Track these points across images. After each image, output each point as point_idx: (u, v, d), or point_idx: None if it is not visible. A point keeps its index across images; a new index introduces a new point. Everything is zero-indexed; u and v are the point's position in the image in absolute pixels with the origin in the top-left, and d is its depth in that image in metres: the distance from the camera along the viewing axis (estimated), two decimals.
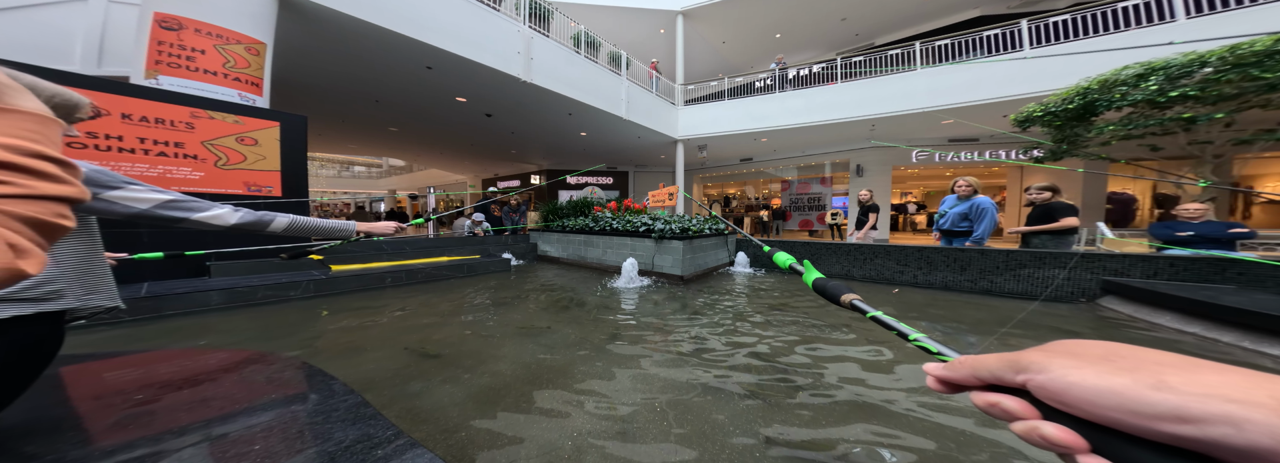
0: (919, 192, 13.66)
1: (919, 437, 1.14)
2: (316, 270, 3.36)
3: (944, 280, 3.57)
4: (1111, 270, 2.89)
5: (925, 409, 1.30)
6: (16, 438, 0.65)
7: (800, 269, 0.49)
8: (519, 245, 5.93)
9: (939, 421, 1.23)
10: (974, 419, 1.23)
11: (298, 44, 4.23)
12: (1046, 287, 3.05)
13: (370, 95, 6.02)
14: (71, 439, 0.64)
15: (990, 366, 0.21)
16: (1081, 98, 4.28)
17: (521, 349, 1.84)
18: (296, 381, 0.90)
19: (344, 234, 1.00)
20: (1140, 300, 2.53)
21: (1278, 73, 3.33)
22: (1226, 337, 1.95)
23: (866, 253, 4.13)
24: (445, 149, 10.58)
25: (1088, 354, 0.19)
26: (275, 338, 2.03)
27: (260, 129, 3.22)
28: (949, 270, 3.56)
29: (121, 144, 2.65)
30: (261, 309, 2.61)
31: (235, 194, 3.13)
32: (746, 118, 8.23)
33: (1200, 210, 2.82)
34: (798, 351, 1.87)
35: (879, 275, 4.00)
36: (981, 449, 1.09)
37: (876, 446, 1.11)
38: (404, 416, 1.23)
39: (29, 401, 0.79)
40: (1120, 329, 2.23)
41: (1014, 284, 3.21)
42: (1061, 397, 0.18)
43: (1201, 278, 2.61)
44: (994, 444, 1.10)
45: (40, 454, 0.61)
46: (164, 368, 1.00)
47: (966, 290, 3.42)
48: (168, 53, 2.92)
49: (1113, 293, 2.79)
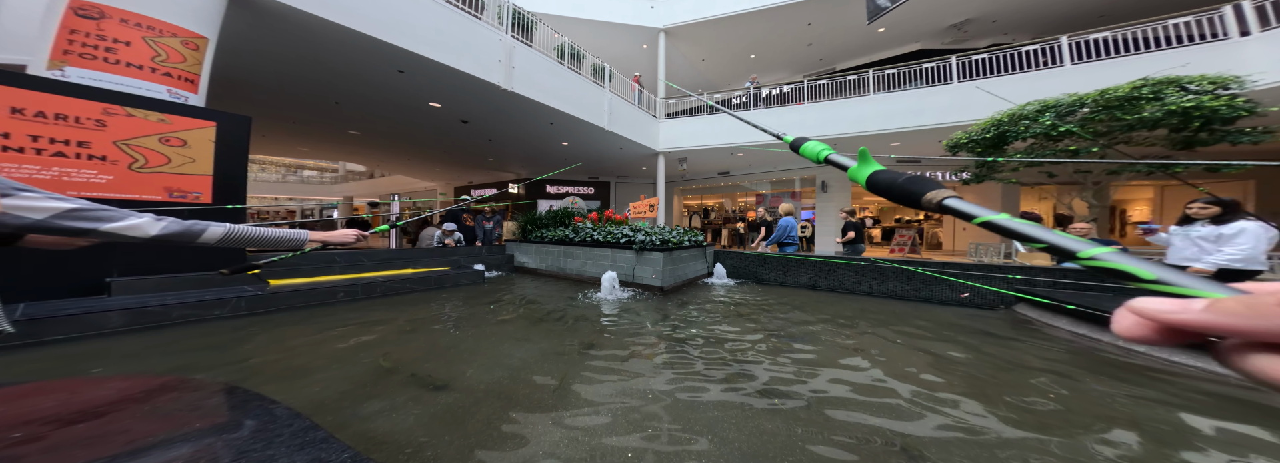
0: (874, 208, 14.75)
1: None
2: (249, 285, 2.95)
3: (893, 290, 3.99)
4: (1020, 282, 3.33)
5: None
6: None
7: (842, 162, 0.37)
8: (494, 257, 5.65)
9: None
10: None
11: (249, 41, 3.91)
12: (980, 295, 3.47)
13: (329, 97, 5.65)
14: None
15: (1173, 311, 0.16)
16: (995, 128, 4.85)
17: (493, 364, 1.72)
18: (226, 406, 0.74)
19: (294, 244, 0.87)
20: (1042, 307, 2.86)
21: (1135, 115, 4.01)
22: (1106, 337, 2.29)
23: (830, 266, 4.45)
24: (414, 155, 10.08)
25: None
26: (196, 364, 1.74)
27: (192, 129, 2.87)
28: (898, 281, 3.96)
29: (6, 142, 2.25)
30: (176, 330, 2.23)
31: (153, 200, 2.72)
32: (724, 133, 8.54)
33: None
34: (784, 359, 1.86)
35: (841, 285, 4.36)
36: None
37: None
38: (358, 439, 1.10)
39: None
40: (1031, 331, 2.57)
41: (949, 293, 3.65)
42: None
43: (1090, 288, 3.05)
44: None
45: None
46: (49, 400, 0.80)
47: (910, 299, 3.80)
48: (81, 42, 2.57)
49: (1022, 301, 3.17)
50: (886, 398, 1.48)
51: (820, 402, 1.44)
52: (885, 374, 1.71)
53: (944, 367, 1.84)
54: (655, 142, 9.01)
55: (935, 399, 1.47)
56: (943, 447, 1.15)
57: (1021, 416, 1.36)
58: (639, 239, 4.29)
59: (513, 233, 6.28)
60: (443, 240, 5.74)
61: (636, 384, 1.54)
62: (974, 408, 1.41)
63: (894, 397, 1.49)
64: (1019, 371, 1.81)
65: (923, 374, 1.73)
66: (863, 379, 1.66)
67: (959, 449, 1.14)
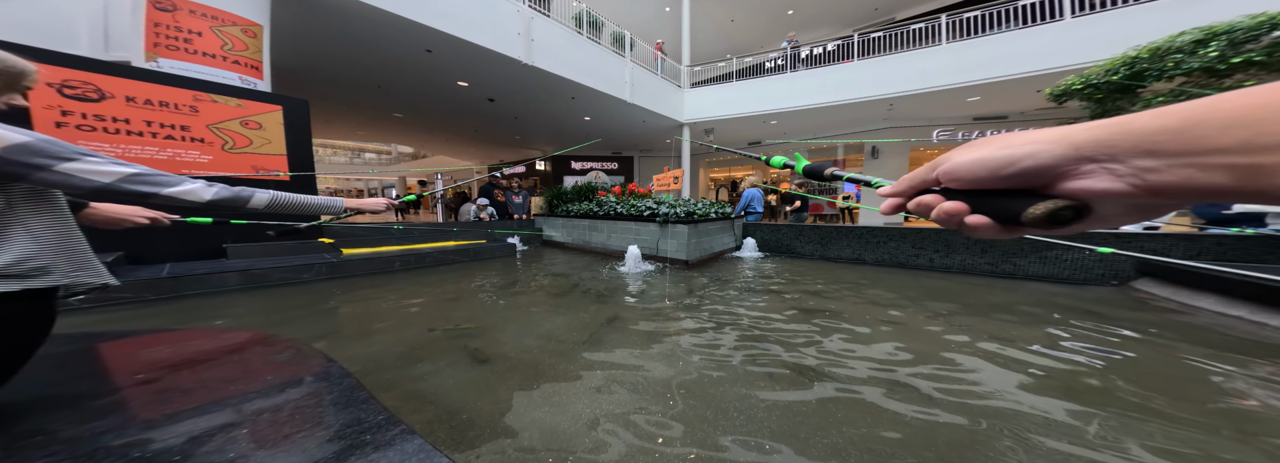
0: None
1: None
2: (328, 254, 3.43)
3: (962, 264, 3.51)
4: (1149, 250, 2.74)
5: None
6: (19, 413, 0.68)
7: (793, 163, 0.54)
8: (524, 230, 5.97)
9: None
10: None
11: (294, 26, 4.19)
12: (1077, 269, 2.91)
13: (372, 80, 5.98)
14: (65, 418, 0.65)
15: (918, 172, 0.27)
16: (1128, 68, 3.95)
17: (525, 333, 1.85)
18: (294, 363, 0.90)
19: (332, 210, 0.94)
20: (1179, 282, 2.40)
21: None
22: (1276, 320, 1.80)
23: (880, 236, 4.03)
24: (450, 135, 10.55)
25: (970, 145, 0.24)
26: (289, 319, 2.09)
27: (263, 113, 3.23)
28: (968, 253, 3.48)
29: (129, 127, 2.69)
30: (276, 290, 2.70)
31: (245, 177, 3.18)
32: (755, 99, 7.96)
33: None
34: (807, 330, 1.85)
35: (892, 259, 3.92)
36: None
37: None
38: (407, 397, 1.23)
39: (47, 375, 0.82)
40: (1156, 313, 2.12)
41: (1039, 267, 3.09)
42: (954, 173, 0.25)
43: (1251, 258, 2.44)
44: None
45: (38, 431, 0.63)
46: (169, 348, 1.02)
47: (985, 274, 3.34)
48: (165, 35, 2.91)
49: (1149, 275, 2.66)
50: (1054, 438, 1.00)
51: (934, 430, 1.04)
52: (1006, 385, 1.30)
53: (1098, 378, 1.36)
54: (679, 112, 8.65)
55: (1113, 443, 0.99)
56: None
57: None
58: (663, 212, 4.28)
59: (540, 208, 6.52)
60: (478, 215, 6.13)
61: (649, 362, 1.56)
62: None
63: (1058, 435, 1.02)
64: (1193, 379, 1.35)
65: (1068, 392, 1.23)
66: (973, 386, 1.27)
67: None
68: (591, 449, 0.98)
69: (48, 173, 0.57)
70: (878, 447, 0.99)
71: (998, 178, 0.23)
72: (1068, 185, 0.21)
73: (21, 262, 0.59)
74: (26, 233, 0.61)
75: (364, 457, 0.56)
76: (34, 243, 0.61)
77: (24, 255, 0.60)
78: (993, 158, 0.23)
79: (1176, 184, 0.18)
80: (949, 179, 0.25)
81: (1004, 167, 0.22)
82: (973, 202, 0.24)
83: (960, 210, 0.24)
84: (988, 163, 0.23)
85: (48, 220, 0.64)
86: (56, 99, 2.47)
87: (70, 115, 2.51)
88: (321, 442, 0.59)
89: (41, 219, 0.63)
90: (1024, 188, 0.23)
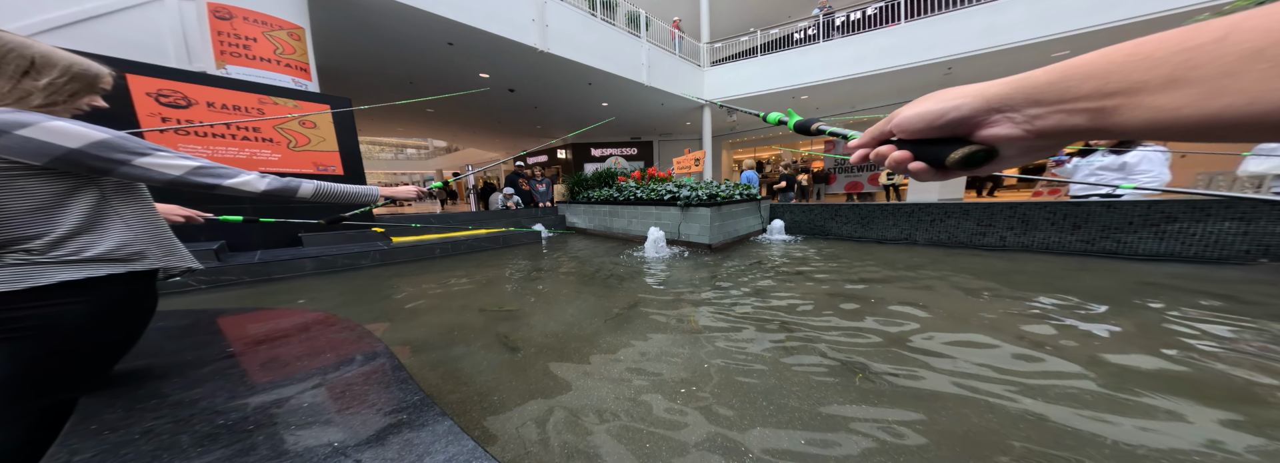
0: None
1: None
2: (381, 242, 3.74)
3: (1045, 242, 3.07)
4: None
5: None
6: (140, 379, 0.80)
7: (786, 119, 0.56)
8: (548, 217, 6.12)
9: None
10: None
11: (329, 27, 4.43)
12: (1208, 244, 2.44)
13: (404, 76, 6.26)
14: (174, 384, 0.76)
15: (878, 125, 0.31)
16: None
17: (549, 320, 1.90)
18: (351, 342, 0.99)
19: (370, 199, 1.01)
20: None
21: None
22: None
23: (934, 213, 3.64)
24: (477, 128, 10.92)
25: (917, 100, 0.28)
26: (348, 302, 2.29)
27: (315, 112, 3.49)
28: (1053, 230, 3.03)
29: (212, 130, 3.01)
30: (340, 275, 3.00)
31: (309, 173, 3.48)
32: (783, 74, 7.48)
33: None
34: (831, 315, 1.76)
35: (951, 238, 3.55)
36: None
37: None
38: (447, 377, 1.30)
39: (163, 346, 0.96)
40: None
41: (1154, 243, 2.62)
42: (903, 125, 0.28)
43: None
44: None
45: (153, 395, 0.74)
46: (257, 325, 1.16)
47: (1079, 253, 2.90)
48: (228, 42, 3.16)
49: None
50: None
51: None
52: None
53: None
54: (699, 92, 8.35)
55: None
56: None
57: None
58: (683, 195, 4.20)
59: (562, 195, 6.64)
60: (505, 204, 6.35)
61: (661, 346, 1.56)
62: None
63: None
64: None
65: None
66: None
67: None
68: (615, 434, 0.99)
69: (128, 167, 0.63)
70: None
71: (933, 128, 0.27)
72: (982, 133, 0.25)
73: (122, 247, 0.67)
74: (122, 222, 0.69)
75: (401, 435, 0.61)
76: (129, 231, 0.69)
77: (123, 241, 0.67)
78: (929, 111, 0.26)
79: (1053, 127, 0.22)
80: (899, 130, 0.29)
81: (937, 118, 0.26)
82: (915, 150, 0.28)
83: (905, 158, 0.28)
84: (924, 115, 0.27)
85: (138, 210, 0.72)
86: (155, 107, 2.82)
87: (168, 121, 2.86)
88: (368, 418, 0.66)
89: (133, 209, 0.71)
90: (954, 137, 0.26)
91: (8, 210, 0.58)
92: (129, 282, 0.68)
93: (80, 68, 0.66)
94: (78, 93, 0.67)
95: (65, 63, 0.64)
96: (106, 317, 0.67)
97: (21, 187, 0.58)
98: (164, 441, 0.58)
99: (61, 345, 0.64)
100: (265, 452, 0.56)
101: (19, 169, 0.58)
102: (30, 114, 0.58)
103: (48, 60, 0.62)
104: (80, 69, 0.66)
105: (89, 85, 0.68)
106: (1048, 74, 0.22)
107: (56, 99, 0.64)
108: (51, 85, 0.63)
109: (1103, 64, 0.19)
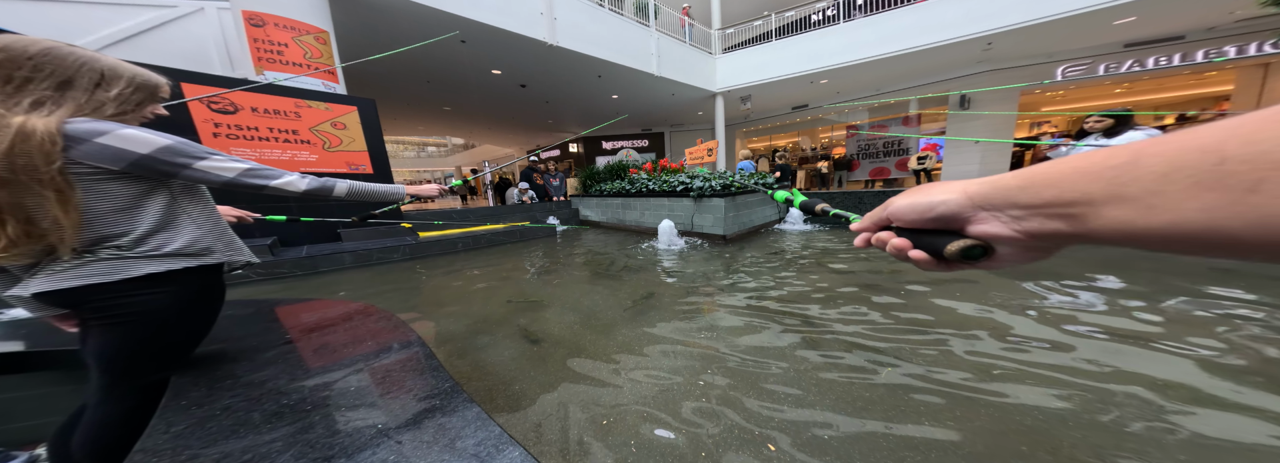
0: (1062, 121, 10.55)
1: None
2: (409, 237, 3.96)
3: None
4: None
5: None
6: (216, 361, 0.91)
7: (792, 198, 0.57)
8: (562, 211, 6.22)
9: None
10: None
11: (348, 29, 4.57)
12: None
13: (421, 76, 6.40)
14: (244, 367, 0.87)
15: (876, 211, 0.32)
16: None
17: (566, 311, 1.96)
18: (388, 331, 1.07)
19: (396, 197, 1.06)
20: None
21: None
22: None
23: None
24: (492, 124, 11.08)
25: (909, 191, 0.29)
26: (383, 292, 2.46)
27: (345, 114, 3.66)
28: None
29: (259, 133, 3.22)
30: (375, 268, 3.21)
31: (343, 173, 3.69)
32: (800, 59, 7.17)
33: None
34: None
35: None
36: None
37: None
38: (473, 367, 1.37)
39: (233, 331, 1.08)
40: None
41: None
42: (897, 215, 0.29)
43: None
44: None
45: (227, 376, 0.85)
46: (309, 314, 1.28)
47: None
48: (263, 48, 3.32)
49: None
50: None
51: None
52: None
53: None
54: (711, 82, 8.13)
55: None
56: None
57: None
58: (696, 186, 4.18)
59: (575, 189, 6.71)
60: (521, 198, 6.49)
61: (675, 335, 1.60)
62: None
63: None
64: None
65: None
66: None
67: None
68: (631, 420, 1.05)
69: (191, 169, 0.70)
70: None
71: (925, 219, 0.27)
72: (973, 228, 0.26)
73: (193, 244, 0.75)
74: (191, 220, 0.76)
75: (435, 419, 0.67)
76: (198, 229, 0.76)
77: (193, 238, 0.75)
78: (919, 202, 0.28)
79: (1037, 229, 0.22)
80: (895, 219, 0.30)
81: (928, 209, 0.27)
82: (913, 239, 0.29)
83: (905, 246, 0.29)
84: (916, 206, 0.28)
85: (203, 210, 0.79)
86: (207, 113, 3.03)
87: (220, 126, 3.07)
88: (406, 403, 0.72)
89: (199, 209, 0.79)
90: (948, 229, 0.27)
91: (95, 211, 0.65)
92: (202, 274, 0.77)
93: (143, 79, 0.71)
94: (143, 102, 0.72)
95: (130, 74, 0.69)
96: (187, 305, 0.76)
97: (104, 190, 0.65)
98: (239, 417, 0.68)
99: (154, 331, 0.72)
100: (321, 431, 0.64)
101: (101, 174, 0.64)
102: (106, 123, 0.63)
103: (115, 72, 0.67)
104: (143, 79, 0.71)
105: (151, 94, 0.73)
106: (1017, 178, 0.23)
107: (126, 108, 0.69)
108: (121, 96, 0.68)
109: (1056, 174, 0.21)
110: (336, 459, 0.57)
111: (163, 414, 0.68)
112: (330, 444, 0.60)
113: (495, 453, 0.58)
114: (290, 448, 0.60)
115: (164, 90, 0.75)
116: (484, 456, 0.57)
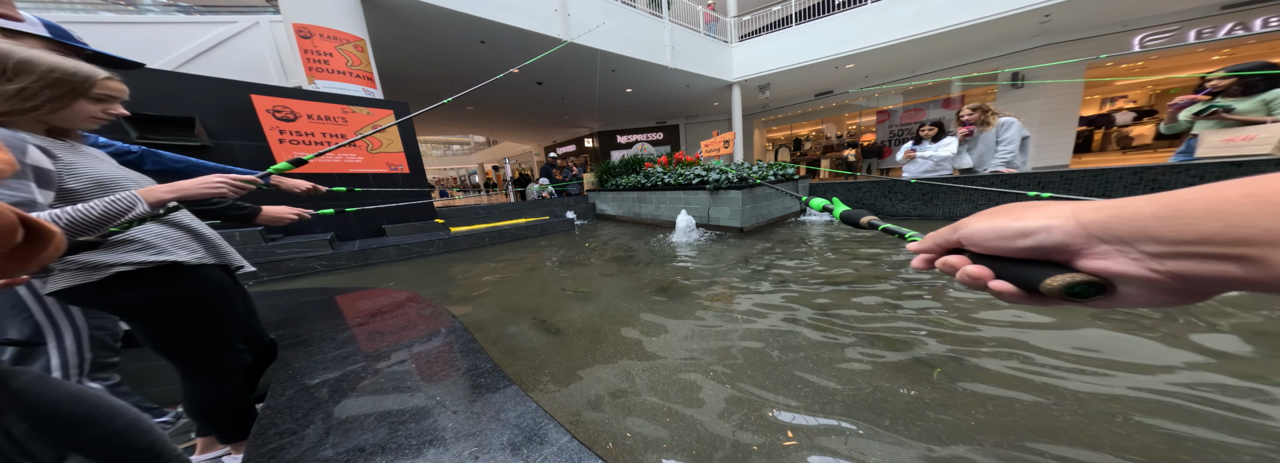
0: (1141, 95, 9.39)
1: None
2: (443, 232, 4.23)
3: None
4: None
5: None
6: (293, 342, 1.09)
7: (831, 207, 0.51)
8: (579, 205, 6.38)
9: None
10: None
11: (378, 36, 4.82)
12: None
13: (446, 77, 6.65)
14: (328, 345, 1.04)
15: (942, 232, 0.27)
16: None
17: (585, 303, 2.02)
18: (434, 318, 1.22)
19: (123, 208, 0.72)
20: None
21: None
22: None
23: (1023, 185, 3.02)
24: (511, 122, 11.34)
25: (989, 212, 0.25)
26: (426, 284, 2.67)
27: (383, 118, 3.92)
28: None
29: (314, 138, 3.51)
30: (415, 260, 3.47)
31: (384, 173, 4.00)
32: (824, 43, 6.86)
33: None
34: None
35: None
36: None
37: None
38: (505, 352, 1.44)
39: (308, 315, 1.27)
40: None
41: None
42: (971, 239, 0.25)
43: None
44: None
45: (319, 352, 1.02)
46: (366, 301, 1.48)
47: None
48: (313, 59, 3.58)
49: None
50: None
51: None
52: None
53: None
54: (728, 72, 7.94)
55: None
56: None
57: None
58: (712, 178, 4.19)
59: (592, 183, 6.83)
60: (540, 194, 6.70)
61: (691, 327, 1.65)
62: None
63: None
64: None
65: None
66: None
67: None
68: (651, 404, 1.11)
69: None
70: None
71: (1013, 248, 0.23)
72: (1087, 263, 0.20)
73: (148, 247, 0.72)
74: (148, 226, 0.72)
75: (482, 396, 0.77)
76: (149, 234, 0.72)
77: (147, 242, 0.71)
78: (1007, 228, 0.23)
79: (1193, 273, 0.17)
80: (969, 244, 0.25)
81: (1017, 237, 0.22)
82: (997, 267, 0.24)
83: (984, 275, 0.24)
84: (1002, 232, 0.23)
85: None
86: (273, 121, 3.33)
87: (284, 133, 3.38)
88: (457, 380, 0.83)
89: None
90: (1043, 259, 0.22)
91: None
92: (177, 272, 0.75)
93: (61, 74, 0.61)
94: (56, 99, 0.62)
95: (46, 68, 0.60)
96: (180, 300, 0.76)
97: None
98: (332, 387, 0.84)
99: (163, 323, 0.74)
100: (392, 403, 0.79)
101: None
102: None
103: (25, 66, 0.59)
104: (59, 75, 0.61)
105: (72, 91, 0.62)
106: (1151, 205, 0.18)
107: (24, 106, 0.60)
108: (24, 92, 0.59)
109: (1216, 202, 0.16)
110: (408, 423, 0.72)
111: (278, 379, 0.86)
112: (402, 411, 0.75)
113: (533, 425, 0.70)
114: (375, 411, 0.75)
115: (102, 86, 0.66)
116: (524, 426, 0.70)
